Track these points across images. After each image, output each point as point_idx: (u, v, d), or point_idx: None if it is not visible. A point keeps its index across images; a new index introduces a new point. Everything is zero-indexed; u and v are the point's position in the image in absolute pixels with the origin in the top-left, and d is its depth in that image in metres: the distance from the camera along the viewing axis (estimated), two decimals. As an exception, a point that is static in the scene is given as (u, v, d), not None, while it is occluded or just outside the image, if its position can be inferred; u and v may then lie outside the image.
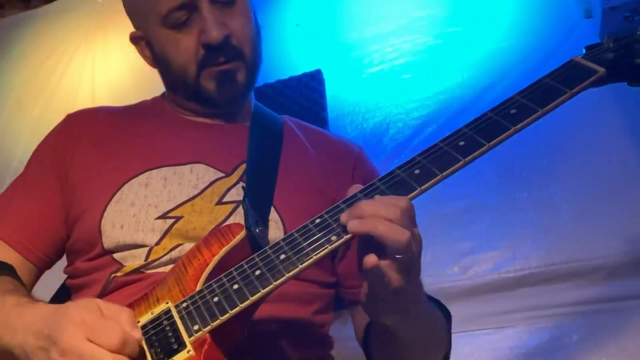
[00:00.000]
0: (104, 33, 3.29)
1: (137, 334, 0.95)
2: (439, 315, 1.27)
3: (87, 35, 3.34)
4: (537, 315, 2.02)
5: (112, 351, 0.90)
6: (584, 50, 1.17)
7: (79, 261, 1.33)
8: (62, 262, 1.45)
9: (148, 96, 1.61)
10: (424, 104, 2.46)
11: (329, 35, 2.78)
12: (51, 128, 1.52)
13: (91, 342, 0.91)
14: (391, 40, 2.63)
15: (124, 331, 0.92)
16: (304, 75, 2.63)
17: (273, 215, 1.30)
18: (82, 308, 0.96)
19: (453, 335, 1.31)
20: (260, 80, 1.56)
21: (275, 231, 1.27)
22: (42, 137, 1.52)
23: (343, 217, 0.98)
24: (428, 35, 2.59)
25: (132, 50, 1.52)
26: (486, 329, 2.06)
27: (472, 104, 2.36)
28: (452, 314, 1.44)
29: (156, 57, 1.44)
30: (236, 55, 1.37)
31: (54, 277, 1.46)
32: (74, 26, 3.40)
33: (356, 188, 1.03)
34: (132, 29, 1.49)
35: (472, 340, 2.06)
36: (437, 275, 2.14)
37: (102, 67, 3.22)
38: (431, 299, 1.29)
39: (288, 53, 2.79)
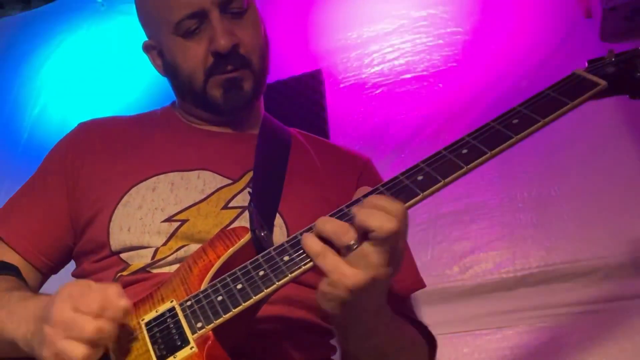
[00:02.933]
0: (104, 33, 3.29)
1: (122, 302, 0.97)
2: (415, 340, 1.29)
3: (87, 35, 3.34)
4: (537, 315, 2.03)
5: (93, 316, 0.93)
6: (586, 63, 1.20)
7: (86, 263, 1.36)
8: (70, 267, 1.46)
9: (147, 96, 1.62)
10: (424, 104, 2.46)
11: (329, 35, 2.78)
12: (51, 129, 1.53)
13: (76, 311, 0.94)
14: (391, 40, 2.63)
15: (104, 297, 0.95)
16: (304, 75, 2.64)
17: (278, 220, 1.32)
18: (70, 285, 1.01)
19: (453, 335, 1.31)
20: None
21: (280, 237, 1.29)
22: (41, 138, 1.53)
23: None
24: (428, 35, 2.59)
25: (132, 50, 1.53)
26: (486, 329, 2.07)
27: (472, 104, 2.36)
28: (452, 314, 1.44)
29: (166, 65, 1.48)
30: (244, 64, 1.40)
31: (61, 283, 1.47)
32: (74, 26, 3.41)
33: (363, 191, 1.05)
34: (132, 29, 1.51)
35: (472, 340, 2.06)
36: (437, 275, 2.14)
37: (102, 67, 3.22)
38: (417, 324, 1.34)
39: (288, 53, 2.79)
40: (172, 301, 1.06)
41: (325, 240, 0.97)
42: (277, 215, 1.33)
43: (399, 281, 1.38)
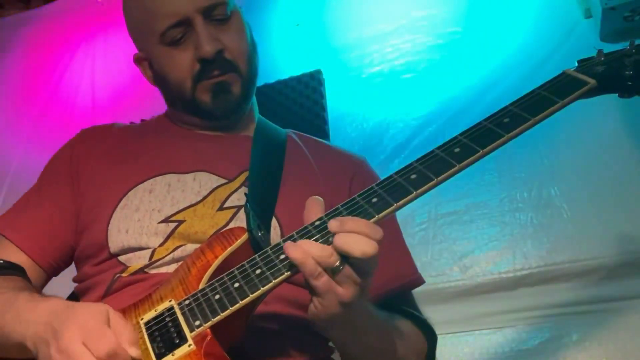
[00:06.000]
0: (104, 33, 3.30)
1: (134, 352, 0.97)
2: (410, 334, 1.30)
3: (87, 35, 3.35)
4: (537, 315, 2.03)
5: (99, 358, 0.92)
6: (575, 64, 1.21)
7: (86, 266, 1.37)
8: (71, 272, 1.46)
9: (147, 96, 1.63)
10: (424, 104, 2.47)
11: (329, 35, 2.78)
12: (51, 129, 1.55)
13: (85, 345, 0.93)
14: (391, 40, 2.64)
15: (117, 344, 0.94)
16: (304, 75, 2.63)
17: (272, 221, 1.33)
18: (89, 312, 0.99)
19: (453, 335, 1.31)
20: (260, 80, 1.59)
21: (274, 237, 1.29)
22: (41, 138, 1.55)
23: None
24: (428, 35, 2.60)
25: (131, 50, 1.55)
26: (486, 329, 2.07)
27: (472, 104, 2.36)
28: (452, 314, 1.43)
29: (156, 75, 1.50)
30: (230, 69, 1.42)
31: (63, 287, 1.48)
32: (74, 26, 3.41)
33: (312, 203, 1.07)
34: None
35: (472, 340, 2.06)
36: (437, 275, 2.14)
37: (102, 67, 3.23)
38: (416, 318, 1.34)
39: (288, 53, 2.79)
40: (170, 301, 1.07)
41: None
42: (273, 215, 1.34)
43: (397, 278, 1.38)
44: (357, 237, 0.96)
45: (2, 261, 1.32)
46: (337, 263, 0.96)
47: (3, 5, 3.72)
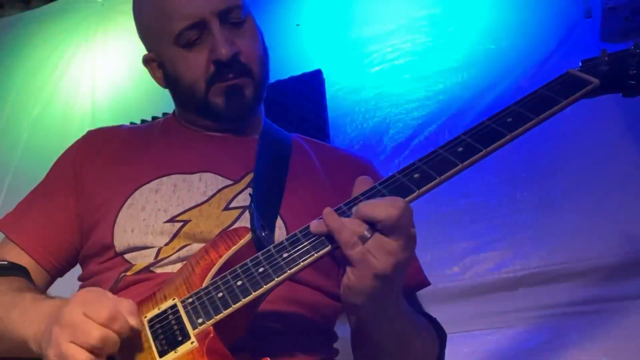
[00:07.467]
0: (104, 33, 3.30)
1: (133, 320, 0.98)
2: (427, 329, 1.30)
3: (87, 35, 3.35)
4: (537, 315, 2.03)
5: (100, 324, 0.94)
6: (577, 63, 1.21)
7: (92, 264, 1.38)
8: (75, 271, 1.47)
9: (147, 96, 1.63)
10: (424, 104, 2.47)
11: (329, 35, 2.79)
12: (51, 128, 1.55)
13: (85, 315, 0.95)
14: (391, 40, 2.65)
15: (115, 308, 0.96)
16: (304, 75, 2.64)
17: (278, 222, 1.33)
18: (87, 290, 1.02)
19: (453, 335, 1.32)
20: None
21: (280, 238, 1.29)
22: (42, 137, 1.55)
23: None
24: (428, 35, 2.61)
25: (131, 50, 1.55)
26: (486, 329, 2.07)
27: (472, 104, 2.37)
28: (452, 314, 1.44)
29: (167, 76, 1.49)
30: (244, 72, 1.42)
31: (66, 286, 1.48)
32: (74, 26, 3.42)
33: (362, 181, 1.07)
34: (132, 29, 1.55)
35: (472, 340, 2.06)
36: (437, 275, 2.14)
37: (102, 67, 3.23)
38: (428, 317, 1.35)
39: (288, 53, 2.80)
40: (174, 299, 1.08)
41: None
42: (278, 216, 1.34)
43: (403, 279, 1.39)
44: (377, 203, 0.98)
45: (5, 262, 1.33)
46: (365, 232, 0.97)
47: (3, 5, 3.72)
